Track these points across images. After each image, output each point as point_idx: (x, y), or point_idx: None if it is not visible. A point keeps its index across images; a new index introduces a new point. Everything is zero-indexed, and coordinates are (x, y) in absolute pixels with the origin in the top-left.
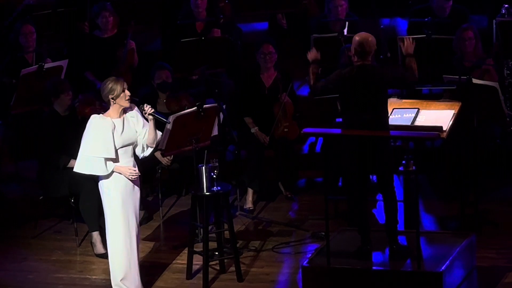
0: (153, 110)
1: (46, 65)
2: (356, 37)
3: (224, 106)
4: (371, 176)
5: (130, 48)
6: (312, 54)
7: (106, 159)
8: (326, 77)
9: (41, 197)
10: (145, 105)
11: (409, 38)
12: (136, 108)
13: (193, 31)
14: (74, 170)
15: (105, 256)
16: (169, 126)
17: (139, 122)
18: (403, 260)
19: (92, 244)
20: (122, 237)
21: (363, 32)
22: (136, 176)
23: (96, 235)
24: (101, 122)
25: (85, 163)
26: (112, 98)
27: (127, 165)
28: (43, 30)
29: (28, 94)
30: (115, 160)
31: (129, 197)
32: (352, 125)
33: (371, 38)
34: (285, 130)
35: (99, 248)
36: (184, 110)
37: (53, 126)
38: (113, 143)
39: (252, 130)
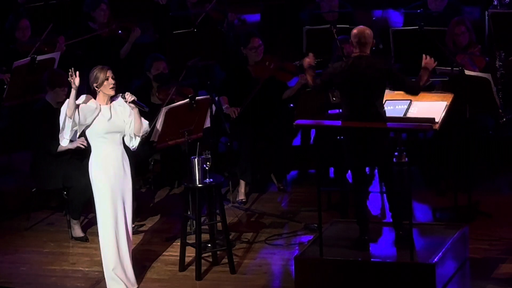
0: (133, 98)
1: (39, 58)
2: (354, 30)
3: (216, 98)
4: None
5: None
6: (307, 61)
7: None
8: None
9: (34, 189)
10: (126, 93)
11: (431, 57)
12: (120, 96)
13: (186, 22)
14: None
15: (83, 239)
16: (161, 118)
17: (125, 111)
18: (403, 248)
19: (71, 227)
20: (111, 228)
21: (360, 26)
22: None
23: (76, 221)
24: (90, 100)
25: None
26: (96, 86)
27: (114, 153)
28: (36, 23)
29: (20, 86)
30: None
31: (118, 188)
32: (349, 116)
33: (368, 30)
34: (267, 63)
35: (78, 232)
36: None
37: (45, 117)
38: (84, 117)
39: (223, 107)
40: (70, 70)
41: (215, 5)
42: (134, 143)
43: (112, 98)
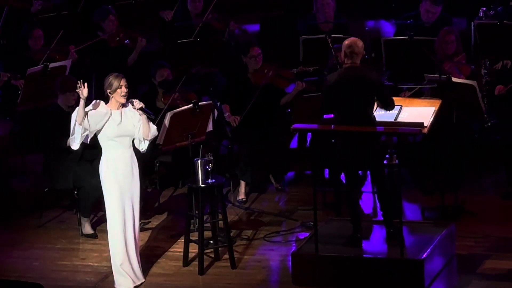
0: (141, 105)
1: (51, 65)
2: (346, 41)
3: (218, 103)
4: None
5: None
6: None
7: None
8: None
9: (46, 189)
10: (135, 100)
11: None
12: (129, 102)
13: (189, 32)
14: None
15: (93, 236)
16: (166, 122)
17: (135, 116)
18: (394, 245)
19: (81, 225)
20: (120, 226)
21: (352, 37)
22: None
23: (86, 219)
24: (99, 105)
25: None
26: (109, 92)
27: (124, 155)
28: (49, 32)
29: (33, 92)
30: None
31: (126, 187)
32: (341, 122)
33: (359, 42)
34: (266, 71)
35: (88, 229)
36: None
37: (56, 119)
38: (94, 123)
39: (225, 115)
40: (79, 82)
41: (216, 16)
42: (143, 146)
43: (123, 104)
